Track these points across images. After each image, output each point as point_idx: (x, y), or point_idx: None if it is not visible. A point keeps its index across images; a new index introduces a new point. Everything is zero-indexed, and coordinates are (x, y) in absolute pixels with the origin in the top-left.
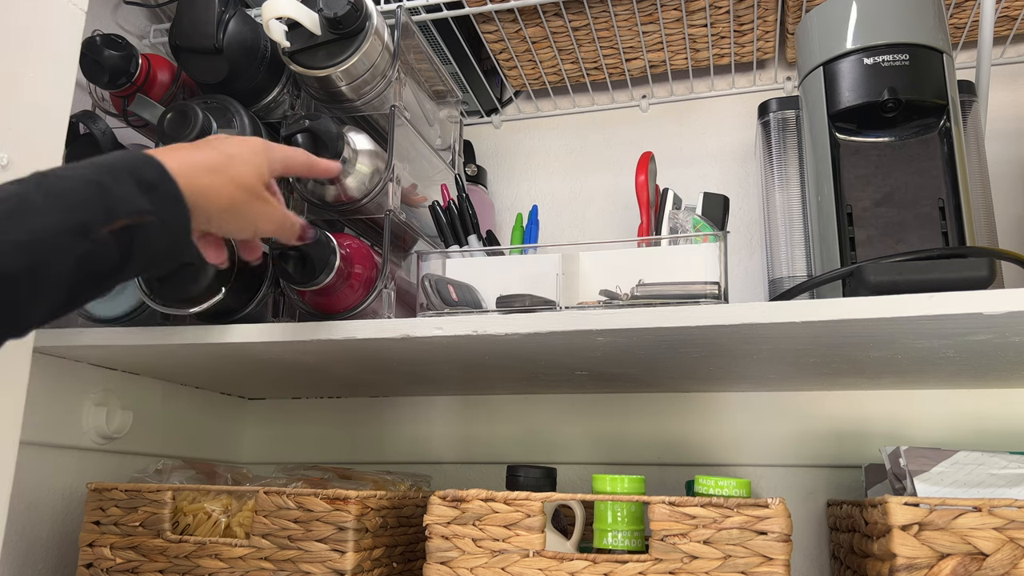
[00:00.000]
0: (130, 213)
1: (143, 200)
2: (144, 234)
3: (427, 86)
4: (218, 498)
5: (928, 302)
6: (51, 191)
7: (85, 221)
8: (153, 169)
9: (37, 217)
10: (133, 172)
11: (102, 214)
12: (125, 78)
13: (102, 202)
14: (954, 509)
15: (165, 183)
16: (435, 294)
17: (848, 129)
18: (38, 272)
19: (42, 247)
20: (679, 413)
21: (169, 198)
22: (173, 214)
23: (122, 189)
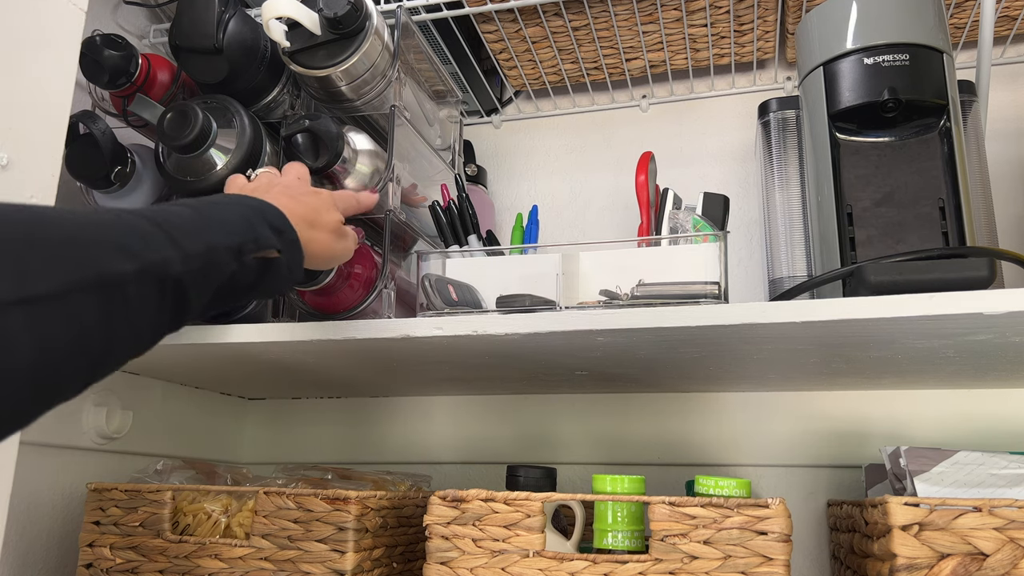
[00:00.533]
0: (269, 247)
1: (275, 240)
2: (274, 266)
3: (427, 86)
4: (218, 498)
5: (928, 302)
6: (217, 218)
7: (240, 245)
8: (277, 215)
9: (211, 234)
10: (265, 216)
11: (252, 243)
12: (125, 78)
13: (251, 234)
14: (954, 509)
15: (288, 230)
16: (435, 294)
17: (848, 129)
18: (207, 276)
19: (212, 257)
20: (679, 413)
21: (292, 242)
22: (293, 254)
23: (262, 227)
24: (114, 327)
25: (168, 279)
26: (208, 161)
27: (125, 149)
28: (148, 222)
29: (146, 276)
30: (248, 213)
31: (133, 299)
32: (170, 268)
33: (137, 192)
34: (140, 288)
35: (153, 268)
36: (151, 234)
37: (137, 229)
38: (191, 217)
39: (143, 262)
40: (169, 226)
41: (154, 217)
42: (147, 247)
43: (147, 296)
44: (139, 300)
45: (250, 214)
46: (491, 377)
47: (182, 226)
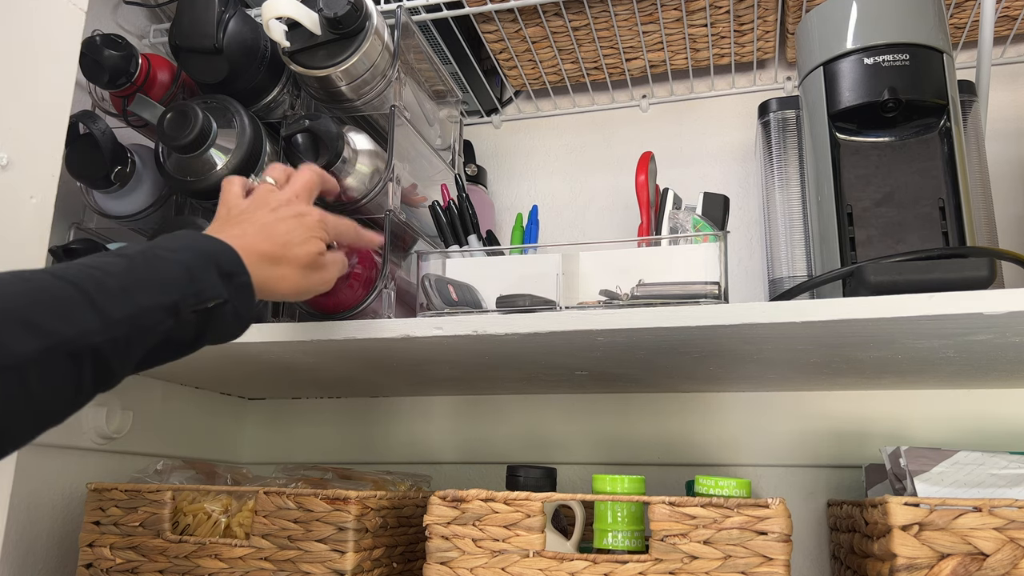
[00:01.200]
0: (212, 298)
1: (222, 287)
2: (219, 316)
3: (427, 86)
4: (218, 498)
5: (928, 302)
6: (153, 273)
7: (177, 302)
8: (230, 259)
9: (143, 293)
10: (214, 259)
11: (192, 297)
12: (125, 78)
13: (192, 287)
14: (954, 509)
15: (240, 273)
16: (435, 294)
17: (848, 129)
18: (134, 341)
19: (141, 320)
20: (679, 413)
21: (243, 287)
22: (244, 300)
23: (207, 276)
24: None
25: (85, 352)
26: (208, 161)
27: (125, 149)
28: (71, 286)
29: (54, 353)
30: (193, 262)
31: (34, 380)
32: (88, 339)
33: (137, 192)
34: (45, 367)
35: (64, 344)
36: (68, 301)
37: (52, 297)
38: (123, 273)
39: (52, 339)
40: (94, 287)
41: (79, 278)
42: (60, 319)
43: (55, 373)
44: (44, 379)
45: (196, 263)
46: (491, 377)
47: (109, 286)
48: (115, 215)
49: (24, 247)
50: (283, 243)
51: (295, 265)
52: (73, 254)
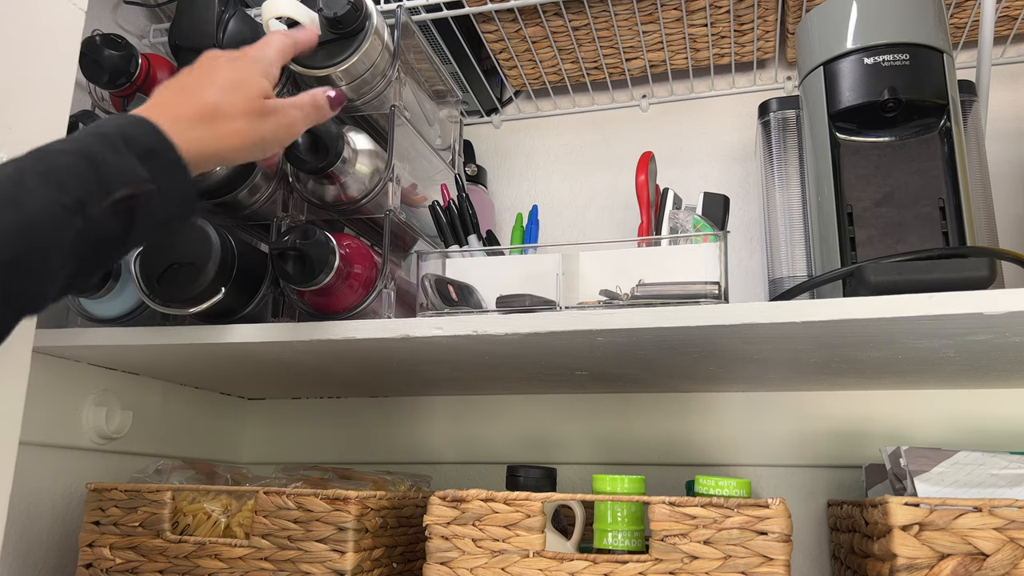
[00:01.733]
0: (127, 184)
1: (141, 169)
2: (145, 203)
3: (427, 86)
4: (218, 498)
5: (928, 302)
6: (45, 171)
7: (80, 198)
8: (149, 134)
9: (31, 199)
10: (128, 140)
11: (98, 189)
12: (125, 78)
13: (97, 177)
14: (954, 509)
15: (164, 149)
16: (435, 294)
17: (848, 129)
18: (38, 254)
19: (39, 230)
20: (679, 413)
21: (168, 164)
22: (173, 179)
23: (118, 160)
24: None
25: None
26: None
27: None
28: None
29: None
30: (95, 148)
31: None
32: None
33: None
34: None
35: None
36: None
37: None
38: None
39: None
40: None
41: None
42: None
43: None
44: None
45: (98, 148)
46: (491, 377)
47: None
48: None
49: None
50: (215, 94)
51: (236, 115)
52: None
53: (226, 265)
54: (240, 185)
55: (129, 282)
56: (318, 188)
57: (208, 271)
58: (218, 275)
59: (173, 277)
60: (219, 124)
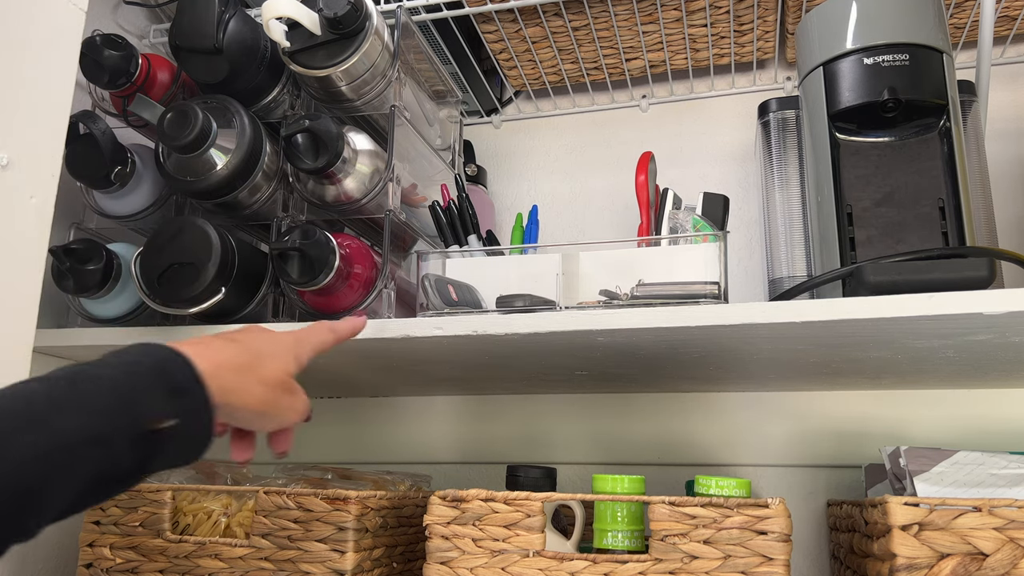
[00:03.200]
0: (155, 421)
1: (170, 407)
2: (166, 441)
3: (427, 86)
4: (218, 498)
5: (928, 302)
6: (78, 396)
7: (108, 432)
8: (184, 372)
9: (61, 424)
10: (163, 374)
11: (126, 423)
12: (125, 78)
13: (129, 411)
14: (954, 509)
15: (194, 389)
16: (435, 294)
17: (848, 129)
18: (54, 483)
19: (62, 458)
20: (679, 413)
21: (197, 404)
22: (199, 421)
23: (150, 395)
24: None
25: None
26: (208, 161)
27: (125, 149)
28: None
29: None
30: (131, 379)
31: None
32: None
33: (137, 192)
34: None
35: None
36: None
37: None
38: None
39: None
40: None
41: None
42: None
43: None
44: None
45: (134, 380)
46: (491, 377)
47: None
48: (115, 215)
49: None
50: (256, 353)
51: (266, 382)
52: (73, 254)
53: (226, 265)
54: (240, 185)
55: (129, 282)
56: (318, 188)
57: (208, 271)
58: (218, 275)
59: (173, 277)
60: (247, 378)
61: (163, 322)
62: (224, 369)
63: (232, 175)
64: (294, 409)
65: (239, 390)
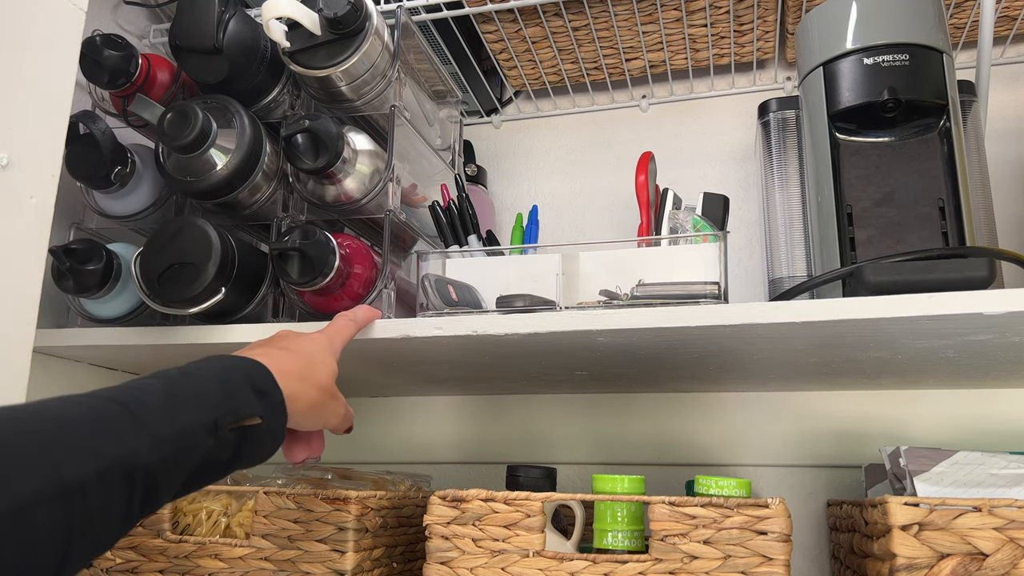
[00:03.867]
0: (249, 415)
1: (258, 405)
2: (254, 434)
3: (427, 86)
4: (218, 498)
5: (928, 302)
6: (193, 390)
7: (216, 419)
8: (264, 376)
9: (185, 411)
10: (249, 377)
11: (229, 414)
12: (125, 78)
13: (229, 404)
14: (954, 509)
15: (273, 391)
16: (435, 294)
17: (848, 129)
18: (180, 460)
19: (187, 438)
20: (679, 413)
21: (276, 405)
22: (277, 419)
23: (243, 393)
24: (71, 536)
25: (136, 470)
26: (208, 161)
27: (125, 149)
28: (117, 406)
29: (111, 474)
30: (229, 378)
31: (94, 502)
32: (139, 459)
33: (137, 192)
34: (103, 488)
35: (119, 464)
36: (118, 421)
37: (102, 418)
38: (163, 392)
39: (108, 459)
40: (139, 407)
41: (123, 398)
42: (112, 439)
43: (111, 495)
44: (101, 501)
45: (231, 379)
46: (491, 377)
47: (153, 406)
48: (115, 215)
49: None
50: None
51: (317, 385)
52: (73, 254)
53: (226, 265)
54: (240, 185)
55: (129, 282)
56: (318, 188)
57: (208, 271)
58: (218, 275)
59: (173, 277)
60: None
61: (163, 322)
62: (289, 375)
63: (232, 175)
64: (336, 412)
65: (301, 395)
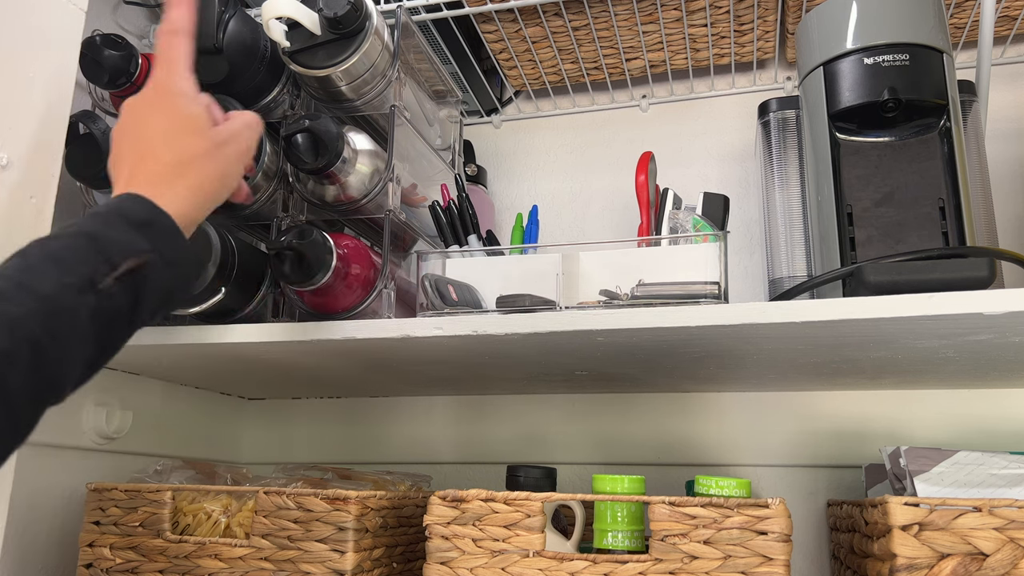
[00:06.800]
0: (130, 256)
1: (141, 240)
2: (150, 274)
3: (427, 86)
4: (218, 498)
5: (928, 302)
6: (49, 254)
7: (88, 275)
8: (143, 207)
9: (41, 283)
10: (123, 214)
11: (103, 264)
12: (125, 78)
13: (100, 252)
14: (954, 509)
15: (159, 218)
16: (435, 294)
17: (848, 129)
18: (56, 335)
19: (52, 311)
20: (679, 413)
21: (165, 231)
22: (173, 246)
23: (117, 234)
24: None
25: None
26: None
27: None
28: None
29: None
30: (97, 228)
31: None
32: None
33: None
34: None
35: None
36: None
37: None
38: (17, 269)
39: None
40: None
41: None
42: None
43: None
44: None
45: (98, 227)
46: (491, 377)
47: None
48: None
49: None
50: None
51: (200, 158)
52: None
53: (226, 265)
54: None
55: None
56: (318, 188)
57: (208, 271)
58: (218, 275)
59: None
60: (190, 177)
61: (163, 322)
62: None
63: None
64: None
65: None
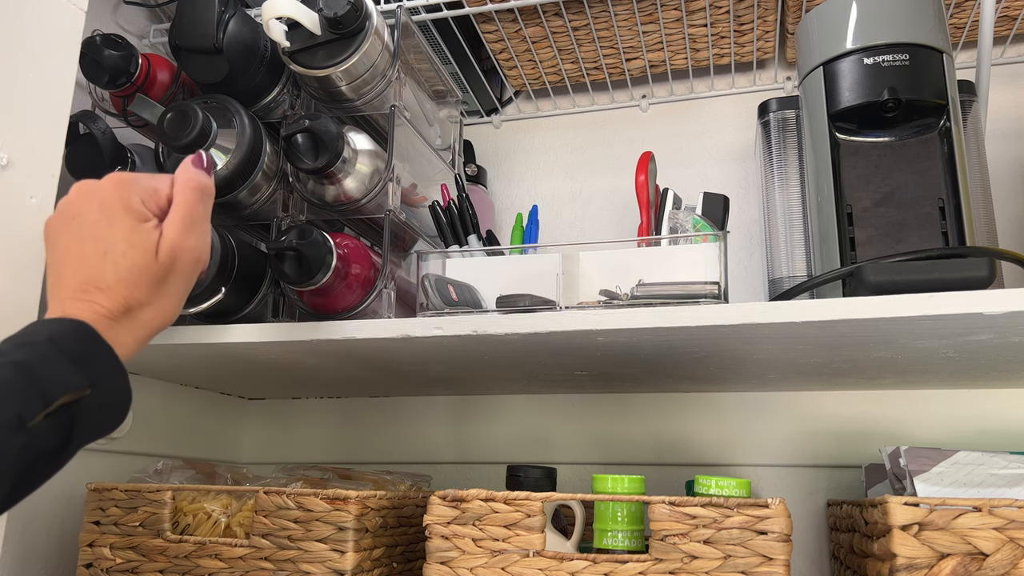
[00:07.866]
0: (66, 392)
1: (78, 376)
2: (85, 408)
3: (427, 86)
4: (218, 498)
5: (928, 302)
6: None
7: (20, 413)
8: (80, 336)
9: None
10: (58, 347)
11: (37, 401)
12: (125, 78)
13: (35, 389)
14: (954, 509)
15: (100, 351)
16: (435, 294)
17: (848, 129)
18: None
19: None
20: (679, 413)
21: (106, 365)
22: (112, 380)
23: (54, 369)
24: None
25: None
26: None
27: (125, 149)
28: None
29: None
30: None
31: None
32: None
33: None
34: None
35: None
36: None
37: None
38: None
39: None
40: None
41: None
42: None
43: None
44: None
45: (34, 359)
46: (491, 377)
47: None
48: None
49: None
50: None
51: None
52: None
53: (226, 265)
54: (240, 185)
55: None
56: (318, 188)
57: (208, 271)
58: (218, 275)
59: None
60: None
61: None
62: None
63: (232, 175)
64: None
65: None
